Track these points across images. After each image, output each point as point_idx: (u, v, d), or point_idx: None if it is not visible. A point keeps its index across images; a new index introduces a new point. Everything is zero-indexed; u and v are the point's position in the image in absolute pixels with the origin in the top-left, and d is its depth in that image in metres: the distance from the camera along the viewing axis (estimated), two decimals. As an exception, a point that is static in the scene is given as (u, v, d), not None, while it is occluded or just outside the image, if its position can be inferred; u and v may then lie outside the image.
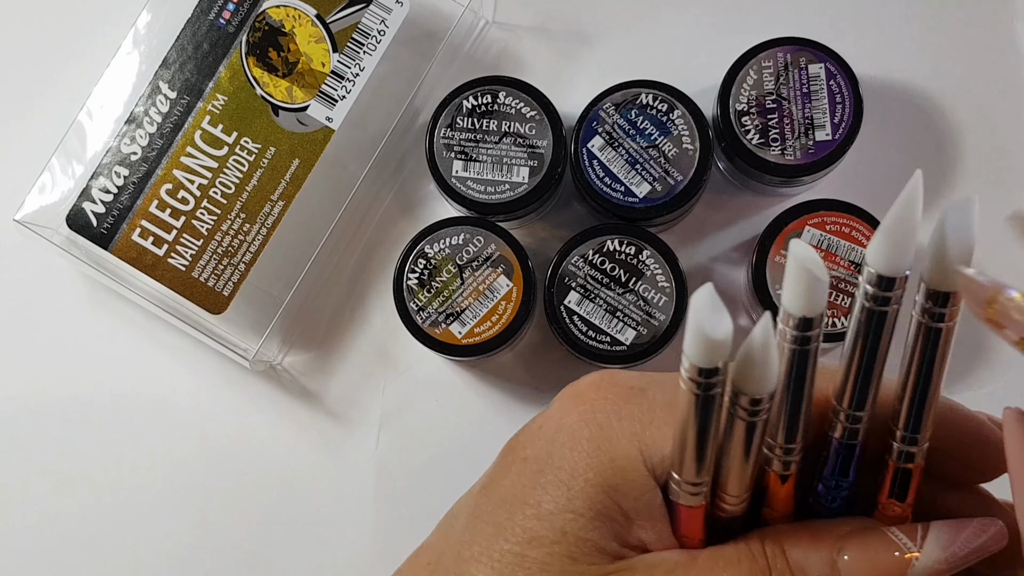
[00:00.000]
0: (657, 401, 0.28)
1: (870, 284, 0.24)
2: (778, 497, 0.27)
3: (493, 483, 0.29)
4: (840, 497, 0.27)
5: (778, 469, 0.26)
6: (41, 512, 0.47)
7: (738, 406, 0.24)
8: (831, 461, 0.27)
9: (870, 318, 0.24)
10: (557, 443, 0.27)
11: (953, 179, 0.47)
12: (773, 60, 0.44)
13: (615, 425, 0.27)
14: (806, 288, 0.23)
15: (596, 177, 0.44)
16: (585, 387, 0.29)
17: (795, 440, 0.26)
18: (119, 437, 0.47)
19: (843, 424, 0.26)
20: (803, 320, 0.23)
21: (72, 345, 0.48)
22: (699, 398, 0.23)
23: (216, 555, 0.47)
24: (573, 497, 0.27)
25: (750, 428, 0.24)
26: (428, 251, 0.44)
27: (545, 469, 0.27)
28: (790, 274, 0.23)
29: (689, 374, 0.23)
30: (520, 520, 0.27)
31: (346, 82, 0.46)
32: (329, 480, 0.47)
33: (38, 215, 0.46)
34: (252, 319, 0.46)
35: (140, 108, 0.46)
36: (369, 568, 0.46)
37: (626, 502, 0.27)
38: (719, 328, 0.22)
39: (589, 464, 0.27)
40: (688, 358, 0.23)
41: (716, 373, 0.23)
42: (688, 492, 0.26)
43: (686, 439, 0.25)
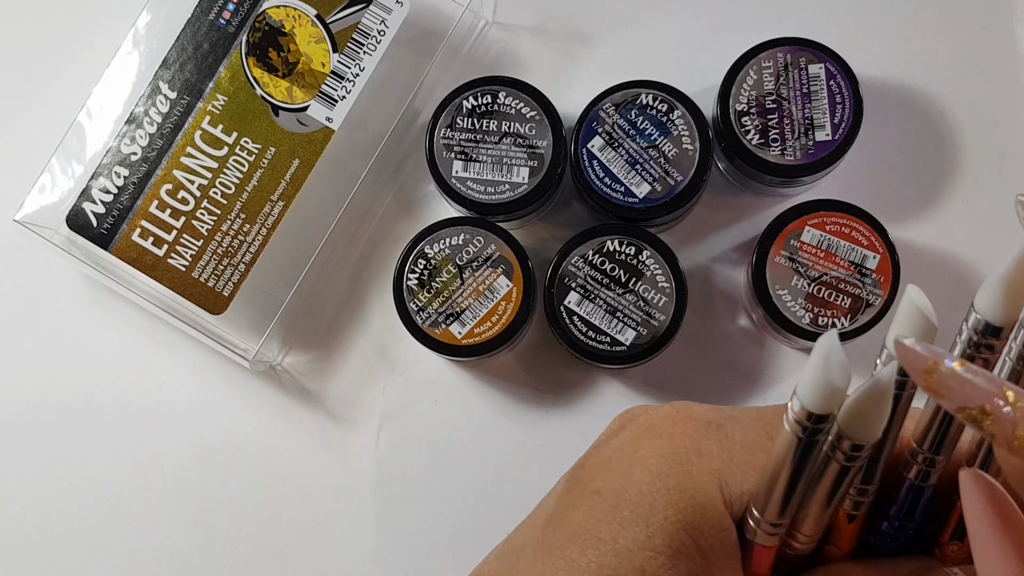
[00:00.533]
0: (736, 438, 0.27)
1: (975, 331, 0.23)
2: (843, 535, 0.27)
3: (561, 516, 0.28)
4: (904, 537, 0.27)
5: (848, 508, 0.26)
6: (41, 512, 0.47)
7: (839, 450, 0.24)
8: (900, 501, 0.26)
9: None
10: (633, 478, 0.27)
11: (952, 179, 0.47)
12: (773, 60, 0.44)
13: (695, 462, 0.27)
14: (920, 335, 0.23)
15: (596, 177, 0.44)
16: (660, 420, 0.28)
17: (871, 482, 0.26)
18: (119, 437, 0.47)
19: (919, 466, 0.26)
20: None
21: (72, 345, 0.48)
22: (801, 442, 0.23)
23: (216, 555, 0.47)
24: (652, 535, 0.26)
25: (843, 472, 0.24)
26: (428, 251, 0.44)
27: (620, 504, 0.27)
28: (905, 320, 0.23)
29: (798, 417, 0.23)
30: (595, 556, 0.26)
31: (346, 82, 0.46)
32: (329, 480, 0.47)
33: (38, 215, 0.46)
34: (252, 319, 0.46)
35: (140, 108, 0.45)
36: (369, 568, 0.46)
37: (704, 540, 0.26)
38: (843, 377, 0.22)
39: (668, 501, 0.26)
40: (801, 401, 0.22)
41: (825, 420, 0.23)
42: (767, 532, 0.26)
43: (776, 480, 0.24)
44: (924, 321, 0.23)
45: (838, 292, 0.43)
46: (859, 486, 0.26)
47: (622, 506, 0.27)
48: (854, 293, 0.42)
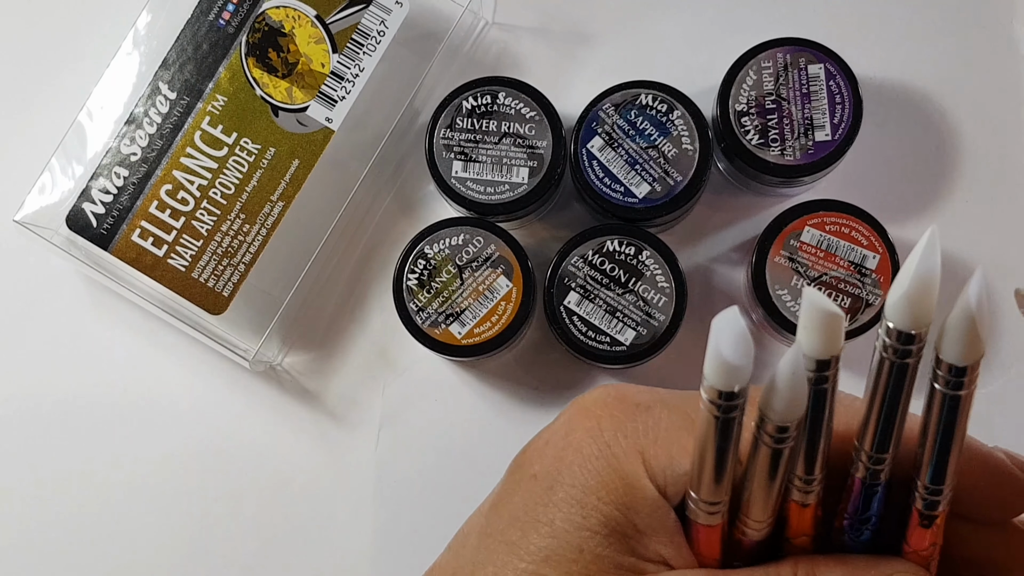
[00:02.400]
0: (662, 421, 0.28)
1: (889, 338, 0.23)
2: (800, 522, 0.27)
3: (502, 501, 0.29)
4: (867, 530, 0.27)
5: (799, 499, 0.26)
6: (41, 512, 0.47)
7: (764, 432, 0.24)
8: (854, 500, 0.27)
9: (890, 370, 0.24)
10: (565, 460, 0.27)
11: (952, 179, 0.47)
12: (773, 60, 0.44)
13: (621, 443, 0.27)
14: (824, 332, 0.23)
15: (596, 177, 0.44)
16: (591, 402, 0.29)
17: (814, 472, 0.26)
18: (119, 438, 0.47)
19: (864, 464, 0.26)
20: (819, 362, 0.23)
21: (72, 346, 0.48)
22: (718, 420, 0.23)
23: (216, 555, 0.47)
24: (587, 515, 0.27)
25: (775, 455, 0.24)
26: (428, 251, 0.44)
27: (555, 486, 0.27)
28: (807, 318, 0.23)
29: (708, 396, 0.23)
30: (534, 539, 0.27)
31: (346, 83, 0.46)
32: (329, 480, 0.47)
33: (38, 216, 0.46)
34: (252, 320, 0.46)
35: (140, 109, 0.46)
36: (369, 568, 0.46)
37: (639, 519, 0.27)
38: (739, 353, 0.22)
39: (600, 482, 0.27)
40: (707, 380, 0.23)
41: (735, 397, 0.23)
42: (705, 511, 0.26)
43: (704, 459, 0.25)
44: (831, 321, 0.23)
45: (838, 292, 0.43)
46: (803, 476, 0.26)
47: (557, 488, 0.27)
48: (854, 293, 0.42)
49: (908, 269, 0.22)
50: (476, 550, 0.28)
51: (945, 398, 0.24)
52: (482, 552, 0.28)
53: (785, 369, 0.23)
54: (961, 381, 0.23)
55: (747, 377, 0.23)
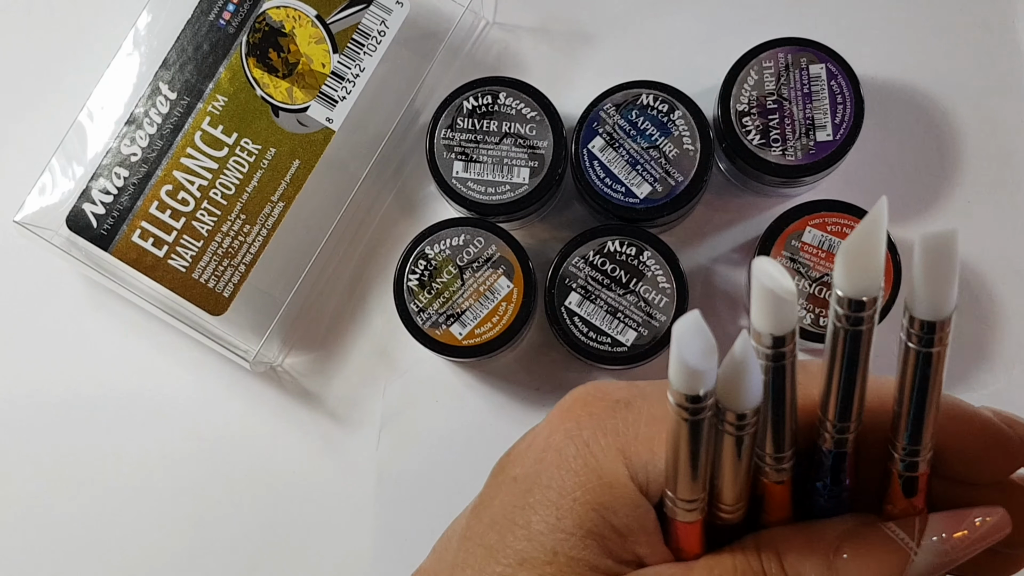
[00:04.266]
0: (643, 415, 0.27)
1: (840, 306, 0.23)
2: (774, 503, 0.27)
3: (483, 504, 0.29)
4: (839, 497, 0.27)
5: (772, 478, 0.26)
6: (41, 513, 0.47)
7: (725, 422, 0.24)
8: (823, 469, 0.26)
9: (844, 338, 0.24)
10: (545, 462, 0.27)
11: (954, 180, 0.47)
12: (774, 60, 0.44)
13: (600, 441, 0.27)
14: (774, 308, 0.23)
15: (597, 178, 0.44)
16: (572, 401, 0.28)
17: (783, 450, 0.26)
18: (119, 438, 0.47)
19: (830, 435, 0.26)
20: (775, 338, 0.23)
21: (72, 346, 0.48)
22: (688, 423, 0.23)
23: (216, 556, 0.47)
24: (562, 517, 0.26)
25: (738, 442, 0.24)
26: (429, 252, 0.44)
27: (533, 489, 0.27)
28: (756, 294, 0.23)
29: (675, 400, 0.23)
30: (511, 542, 0.27)
31: (346, 83, 0.46)
32: (330, 481, 0.47)
33: (38, 216, 0.46)
34: (252, 320, 0.46)
35: (140, 109, 0.45)
36: (369, 569, 0.46)
37: (616, 519, 0.26)
38: (700, 357, 0.22)
39: (577, 483, 0.27)
40: (672, 384, 0.23)
41: (701, 400, 0.23)
42: (684, 509, 0.26)
43: (678, 460, 0.25)
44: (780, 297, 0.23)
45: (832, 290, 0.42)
46: (774, 455, 0.26)
47: (535, 490, 0.27)
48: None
49: (851, 236, 0.23)
50: (456, 553, 0.28)
51: (918, 356, 0.24)
52: (461, 555, 0.28)
53: (737, 357, 0.23)
54: (932, 337, 0.23)
55: (712, 380, 0.23)
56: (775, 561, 0.26)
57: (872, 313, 0.24)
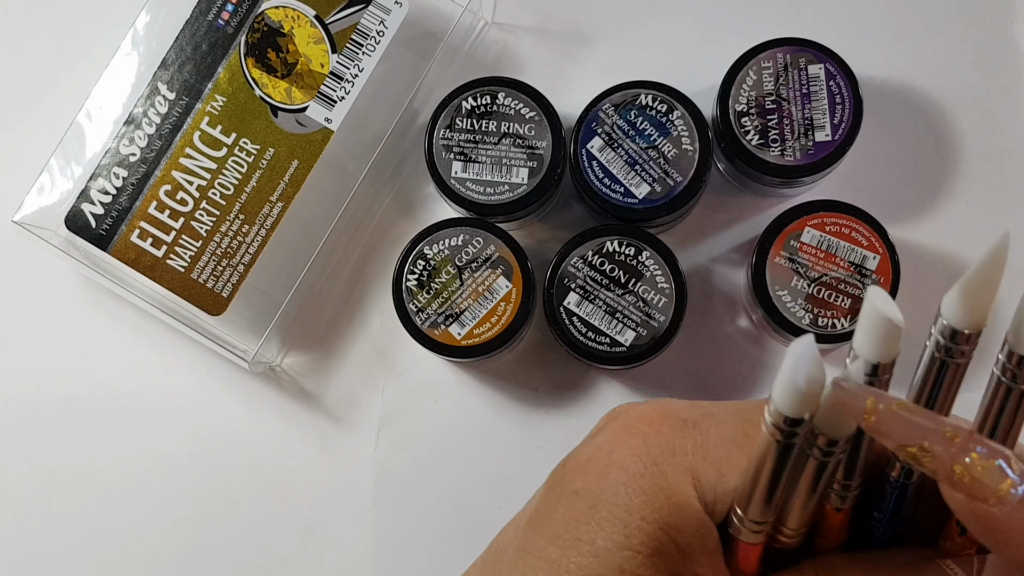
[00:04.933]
0: (711, 436, 0.27)
1: (943, 336, 0.23)
2: (832, 528, 0.27)
3: (542, 516, 0.28)
4: (895, 531, 0.27)
5: (835, 504, 0.26)
6: (40, 513, 0.47)
7: (815, 446, 0.24)
8: (887, 498, 0.26)
9: (941, 368, 0.24)
10: (610, 478, 0.27)
11: (953, 180, 0.47)
12: (773, 61, 0.44)
13: (669, 461, 0.27)
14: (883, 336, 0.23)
15: (595, 178, 0.43)
16: (636, 419, 0.28)
17: (854, 476, 0.26)
18: (118, 438, 0.47)
19: (901, 464, 0.26)
20: (874, 366, 0.23)
21: (71, 346, 0.48)
22: (779, 444, 0.23)
23: (215, 556, 0.47)
24: (630, 535, 0.26)
25: (821, 467, 0.24)
26: (427, 252, 0.44)
27: (599, 505, 0.27)
28: (866, 321, 0.23)
29: (773, 420, 0.23)
30: (574, 557, 0.26)
31: (345, 83, 0.46)
32: (328, 481, 0.47)
33: (37, 216, 0.46)
34: (251, 320, 0.46)
35: (139, 109, 0.45)
36: (369, 568, 0.46)
37: (682, 539, 0.26)
38: (813, 382, 0.22)
39: (645, 501, 0.26)
40: (775, 404, 0.23)
41: (799, 423, 0.23)
42: (751, 530, 0.26)
43: (758, 480, 0.24)
44: (888, 323, 0.23)
45: (838, 293, 0.42)
46: (842, 481, 0.26)
47: (600, 507, 0.27)
48: (854, 294, 0.42)
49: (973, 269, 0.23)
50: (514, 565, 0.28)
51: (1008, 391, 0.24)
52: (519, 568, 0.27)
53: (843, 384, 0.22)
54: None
55: (816, 405, 0.22)
56: None
57: (972, 348, 0.24)
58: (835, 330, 0.42)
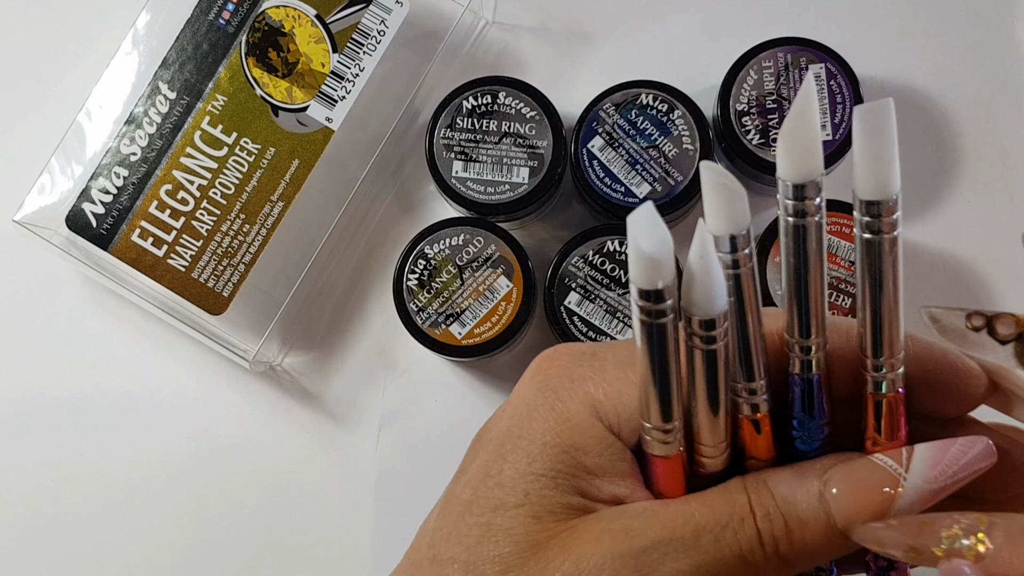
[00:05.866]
0: (608, 360, 0.28)
1: (787, 197, 0.23)
2: (756, 445, 0.26)
3: (461, 471, 0.29)
4: (819, 438, 0.27)
5: (748, 413, 0.26)
6: (40, 512, 0.47)
7: (693, 335, 0.23)
8: (797, 400, 0.26)
9: (796, 233, 0.23)
10: (516, 417, 0.28)
11: (953, 179, 0.47)
12: (773, 60, 0.44)
13: (568, 387, 0.27)
14: (727, 205, 0.22)
15: (596, 177, 0.44)
16: (539, 360, 0.29)
17: (754, 378, 0.25)
18: (118, 438, 0.47)
19: (798, 357, 0.25)
20: (730, 239, 0.23)
21: (71, 346, 0.48)
22: (651, 327, 0.23)
23: (216, 556, 0.47)
24: (532, 460, 0.27)
25: (709, 357, 0.24)
26: (428, 252, 0.44)
27: (505, 441, 0.27)
28: (708, 195, 0.22)
29: (636, 301, 0.22)
30: (483, 492, 0.27)
31: (346, 82, 0.46)
32: (329, 481, 0.47)
33: (37, 216, 0.46)
34: (252, 320, 0.46)
35: (140, 109, 0.45)
36: (369, 568, 0.46)
37: (589, 459, 0.27)
38: (655, 243, 0.21)
39: (546, 428, 0.27)
40: (633, 284, 0.22)
41: (662, 297, 0.22)
42: (659, 440, 0.25)
43: (646, 379, 0.24)
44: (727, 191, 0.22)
45: (838, 292, 0.42)
46: (746, 385, 0.25)
47: (506, 442, 0.27)
48: (854, 293, 0.42)
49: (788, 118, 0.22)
50: (436, 518, 0.28)
51: (869, 245, 0.23)
52: (441, 518, 0.28)
53: (694, 253, 0.22)
54: (879, 222, 0.23)
55: (670, 273, 0.22)
56: (764, 490, 0.26)
57: (819, 203, 0.23)
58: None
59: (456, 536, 0.27)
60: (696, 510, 0.26)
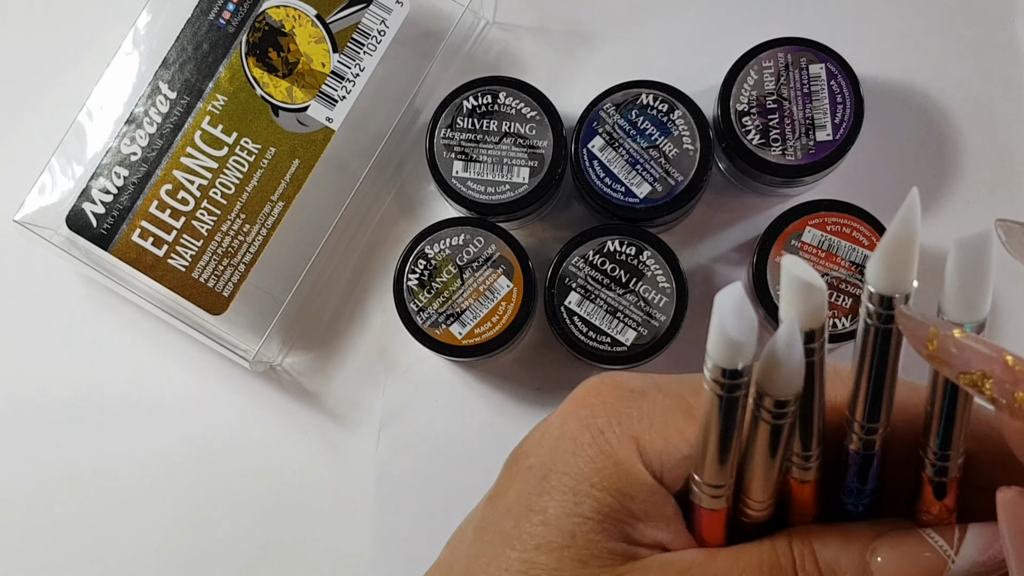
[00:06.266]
0: (657, 404, 0.27)
1: (871, 303, 0.23)
2: (801, 503, 0.27)
3: (498, 494, 0.29)
4: (864, 504, 0.27)
5: (798, 476, 0.26)
6: (40, 513, 0.47)
7: (762, 408, 0.24)
8: (850, 471, 0.26)
9: (875, 336, 0.24)
10: (560, 450, 0.27)
11: (954, 180, 0.47)
12: (774, 60, 0.44)
13: (615, 430, 0.27)
14: (806, 300, 0.23)
15: (596, 177, 0.44)
16: (585, 392, 0.29)
17: (811, 448, 0.26)
18: (119, 438, 0.47)
19: (857, 435, 0.26)
20: (806, 333, 0.23)
21: (72, 346, 0.48)
22: (722, 399, 0.23)
23: (216, 556, 0.47)
24: (580, 502, 0.26)
25: (775, 431, 0.24)
26: (428, 252, 0.44)
27: (549, 475, 0.27)
28: (787, 288, 0.23)
29: (712, 375, 0.23)
30: (527, 527, 0.27)
31: (346, 82, 0.46)
32: (329, 481, 0.47)
33: (38, 216, 0.46)
34: (252, 320, 0.46)
35: (140, 108, 0.45)
36: (369, 568, 0.46)
37: (635, 505, 0.26)
38: (742, 329, 0.22)
39: (594, 469, 0.27)
40: (711, 358, 0.23)
41: (739, 375, 0.23)
42: (709, 495, 0.26)
43: (708, 440, 0.25)
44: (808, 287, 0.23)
45: (839, 292, 0.42)
46: (801, 453, 0.26)
47: (551, 477, 0.27)
48: (855, 293, 0.42)
49: (888, 232, 0.23)
50: (472, 543, 0.28)
51: None
52: (477, 545, 0.28)
53: (781, 341, 0.22)
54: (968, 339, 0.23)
55: (751, 354, 0.23)
56: (808, 553, 0.26)
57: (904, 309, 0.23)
58: (836, 330, 0.42)
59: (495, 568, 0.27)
60: (746, 566, 0.26)
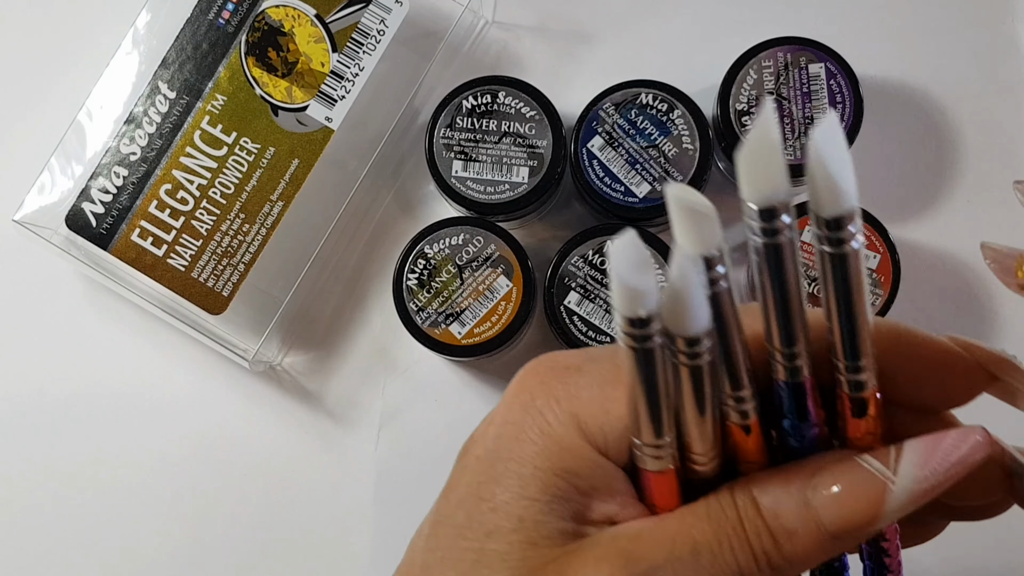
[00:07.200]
0: (594, 377, 0.27)
1: (752, 219, 0.23)
2: (747, 449, 0.26)
3: (451, 488, 0.29)
4: (809, 437, 0.26)
5: (736, 419, 0.26)
6: (40, 512, 0.47)
7: (677, 352, 0.23)
8: (785, 404, 0.26)
9: (768, 254, 0.23)
10: (504, 436, 0.28)
11: (953, 178, 0.47)
12: (773, 60, 0.44)
13: (554, 408, 0.27)
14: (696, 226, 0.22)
15: (596, 177, 0.44)
16: (524, 375, 0.29)
17: (741, 386, 0.25)
18: (118, 437, 0.47)
19: (781, 364, 0.25)
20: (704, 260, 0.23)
21: (71, 345, 0.48)
22: (637, 352, 0.23)
23: (215, 555, 0.47)
24: (526, 484, 0.26)
25: (695, 373, 0.24)
26: (428, 251, 0.44)
27: (496, 463, 0.27)
28: (676, 217, 0.22)
29: (622, 328, 0.23)
30: (477, 516, 0.27)
31: (345, 82, 0.46)
32: (329, 480, 0.47)
33: (37, 215, 0.46)
34: (252, 319, 0.46)
35: (139, 108, 0.45)
36: (369, 568, 0.46)
37: (580, 481, 0.27)
38: (637, 275, 0.21)
39: (536, 451, 0.27)
40: (616, 311, 0.22)
41: (646, 324, 0.22)
42: (651, 456, 0.26)
43: (636, 399, 0.24)
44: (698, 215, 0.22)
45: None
46: (732, 393, 0.25)
47: (497, 464, 0.27)
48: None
49: (747, 142, 0.22)
50: (428, 538, 0.28)
51: (833, 259, 0.23)
52: (433, 539, 0.28)
53: (675, 272, 0.22)
54: (840, 235, 0.23)
55: (653, 301, 0.22)
56: (750, 503, 0.26)
57: (790, 222, 0.23)
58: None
59: (450, 561, 0.27)
60: (693, 526, 0.25)
